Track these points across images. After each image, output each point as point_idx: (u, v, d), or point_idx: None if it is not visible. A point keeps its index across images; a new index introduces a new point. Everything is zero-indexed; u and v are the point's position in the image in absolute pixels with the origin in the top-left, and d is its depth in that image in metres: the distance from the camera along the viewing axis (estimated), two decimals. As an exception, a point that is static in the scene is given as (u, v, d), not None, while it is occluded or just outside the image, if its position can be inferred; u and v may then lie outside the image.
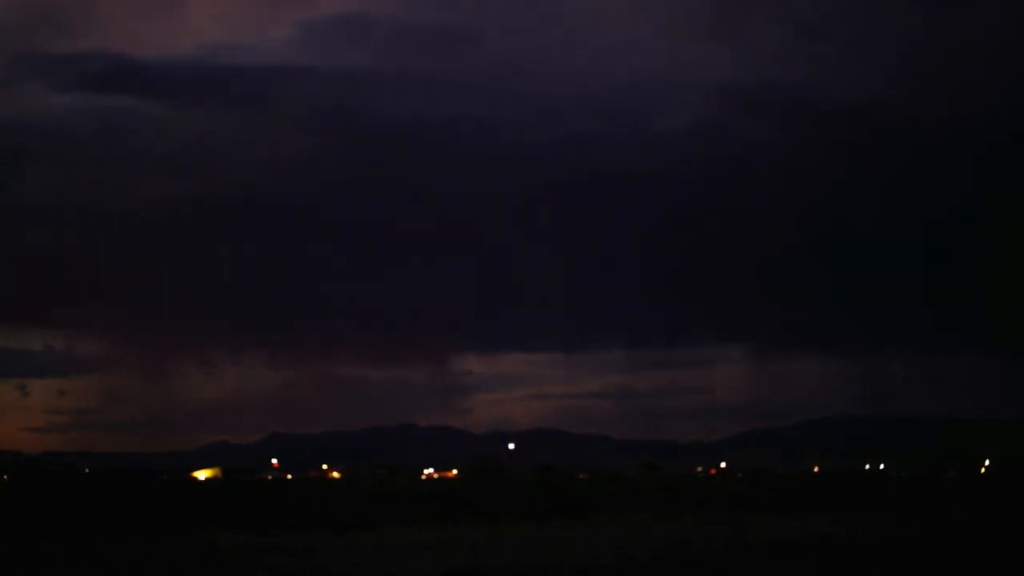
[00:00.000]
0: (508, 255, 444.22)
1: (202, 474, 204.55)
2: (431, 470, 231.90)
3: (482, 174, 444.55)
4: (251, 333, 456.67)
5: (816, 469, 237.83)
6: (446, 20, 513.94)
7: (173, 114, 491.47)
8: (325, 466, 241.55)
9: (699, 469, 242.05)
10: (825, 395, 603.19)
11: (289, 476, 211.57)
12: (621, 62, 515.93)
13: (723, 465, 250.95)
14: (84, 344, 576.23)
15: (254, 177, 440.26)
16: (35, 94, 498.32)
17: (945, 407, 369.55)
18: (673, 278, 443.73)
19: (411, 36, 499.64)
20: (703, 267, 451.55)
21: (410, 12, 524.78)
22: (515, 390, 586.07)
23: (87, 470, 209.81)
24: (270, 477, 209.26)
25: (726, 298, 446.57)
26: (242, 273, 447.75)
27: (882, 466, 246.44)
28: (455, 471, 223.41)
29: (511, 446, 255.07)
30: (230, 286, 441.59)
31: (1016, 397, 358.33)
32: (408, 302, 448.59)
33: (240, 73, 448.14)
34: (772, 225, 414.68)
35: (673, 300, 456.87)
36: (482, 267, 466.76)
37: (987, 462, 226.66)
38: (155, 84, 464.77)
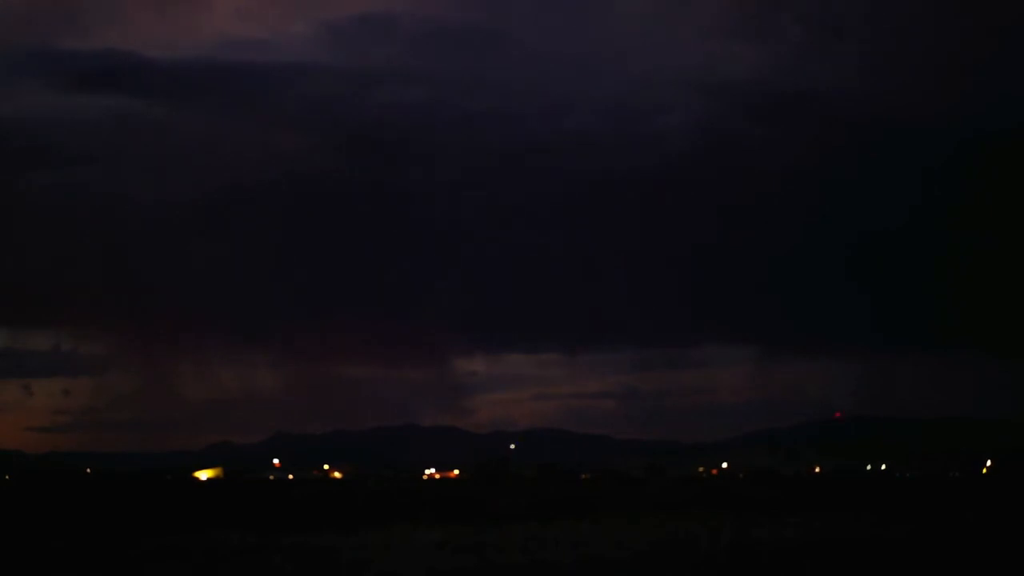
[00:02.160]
0: (512, 255, 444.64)
1: (204, 474, 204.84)
2: (432, 470, 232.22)
3: (486, 173, 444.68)
4: (255, 333, 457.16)
5: (818, 469, 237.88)
6: (465, 18, 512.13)
7: (178, 112, 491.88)
8: (327, 466, 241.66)
9: (701, 469, 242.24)
10: (827, 395, 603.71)
11: (291, 476, 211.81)
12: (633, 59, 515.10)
13: (725, 465, 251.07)
14: (89, 345, 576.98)
15: (259, 176, 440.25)
16: (41, 91, 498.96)
17: (947, 407, 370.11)
18: (676, 278, 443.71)
19: (430, 34, 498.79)
20: (705, 267, 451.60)
21: (433, 11, 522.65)
22: (518, 391, 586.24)
23: (89, 470, 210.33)
24: (272, 477, 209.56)
25: (729, 299, 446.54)
26: (247, 273, 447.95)
27: (884, 466, 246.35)
28: (456, 471, 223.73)
29: (512, 446, 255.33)
30: (235, 286, 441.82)
31: (1018, 397, 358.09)
32: (412, 302, 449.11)
33: (252, 71, 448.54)
34: (776, 225, 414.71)
35: (676, 301, 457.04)
36: (485, 267, 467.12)
37: (989, 462, 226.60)
38: (162, 82, 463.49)
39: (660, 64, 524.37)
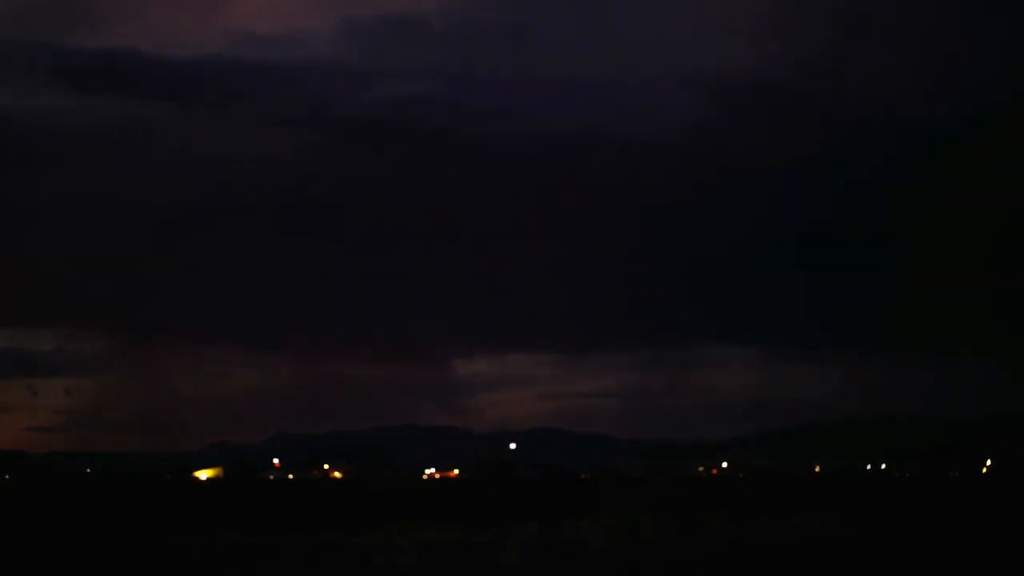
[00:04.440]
0: (512, 254, 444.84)
1: (203, 474, 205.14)
2: (432, 470, 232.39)
3: (486, 172, 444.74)
4: (255, 333, 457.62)
5: (818, 469, 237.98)
6: (489, 17, 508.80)
7: (181, 111, 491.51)
8: (327, 466, 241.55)
9: (701, 469, 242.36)
10: (827, 395, 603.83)
11: (291, 476, 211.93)
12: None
13: (724, 465, 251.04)
14: (89, 345, 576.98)
15: (261, 175, 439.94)
16: (43, 89, 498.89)
17: (946, 407, 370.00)
18: (675, 278, 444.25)
19: (444, 33, 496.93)
20: (706, 267, 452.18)
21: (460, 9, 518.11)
22: (518, 390, 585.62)
23: (88, 470, 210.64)
24: (272, 477, 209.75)
25: (729, 298, 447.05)
26: (247, 273, 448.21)
27: (884, 466, 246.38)
28: (456, 471, 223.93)
29: (512, 446, 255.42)
30: (235, 286, 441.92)
31: (1018, 397, 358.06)
32: (411, 302, 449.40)
33: (261, 68, 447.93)
34: (776, 225, 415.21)
35: (675, 300, 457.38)
36: (485, 267, 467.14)
37: (989, 462, 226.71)
38: (167, 80, 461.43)
39: (667, 63, 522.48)
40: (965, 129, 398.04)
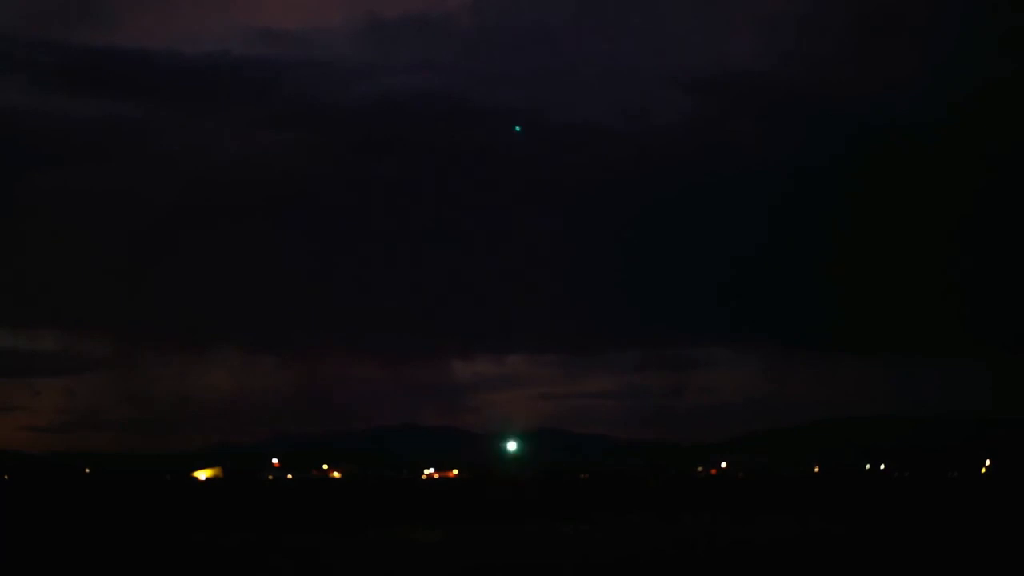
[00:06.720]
0: (512, 254, 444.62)
1: (203, 474, 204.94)
2: (432, 470, 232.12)
3: (489, 171, 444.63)
4: (255, 333, 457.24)
5: (817, 469, 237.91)
6: (509, 17, 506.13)
7: (179, 113, 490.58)
8: (326, 466, 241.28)
9: (700, 469, 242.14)
10: (826, 395, 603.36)
11: (291, 476, 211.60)
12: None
13: (724, 465, 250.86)
14: (89, 345, 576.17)
15: (261, 175, 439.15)
16: (42, 88, 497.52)
17: (946, 407, 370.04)
18: (676, 278, 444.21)
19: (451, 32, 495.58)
20: (706, 267, 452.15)
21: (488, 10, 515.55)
22: (518, 390, 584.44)
23: (88, 470, 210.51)
24: (272, 477, 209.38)
25: (730, 299, 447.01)
26: (247, 274, 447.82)
27: (883, 466, 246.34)
28: (455, 471, 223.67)
29: (512, 446, 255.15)
30: (235, 287, 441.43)
31: (1017, 396, 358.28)
32: (412, 302, 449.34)
33: (270, 67, 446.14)
34: (776, 225, 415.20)
35: (676, 300, 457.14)
36: (486, 267, 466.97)
37: (988, 462, 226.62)
38: (171, 79, 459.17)
39: (670, 61, 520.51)
40: (964, 128, 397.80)
